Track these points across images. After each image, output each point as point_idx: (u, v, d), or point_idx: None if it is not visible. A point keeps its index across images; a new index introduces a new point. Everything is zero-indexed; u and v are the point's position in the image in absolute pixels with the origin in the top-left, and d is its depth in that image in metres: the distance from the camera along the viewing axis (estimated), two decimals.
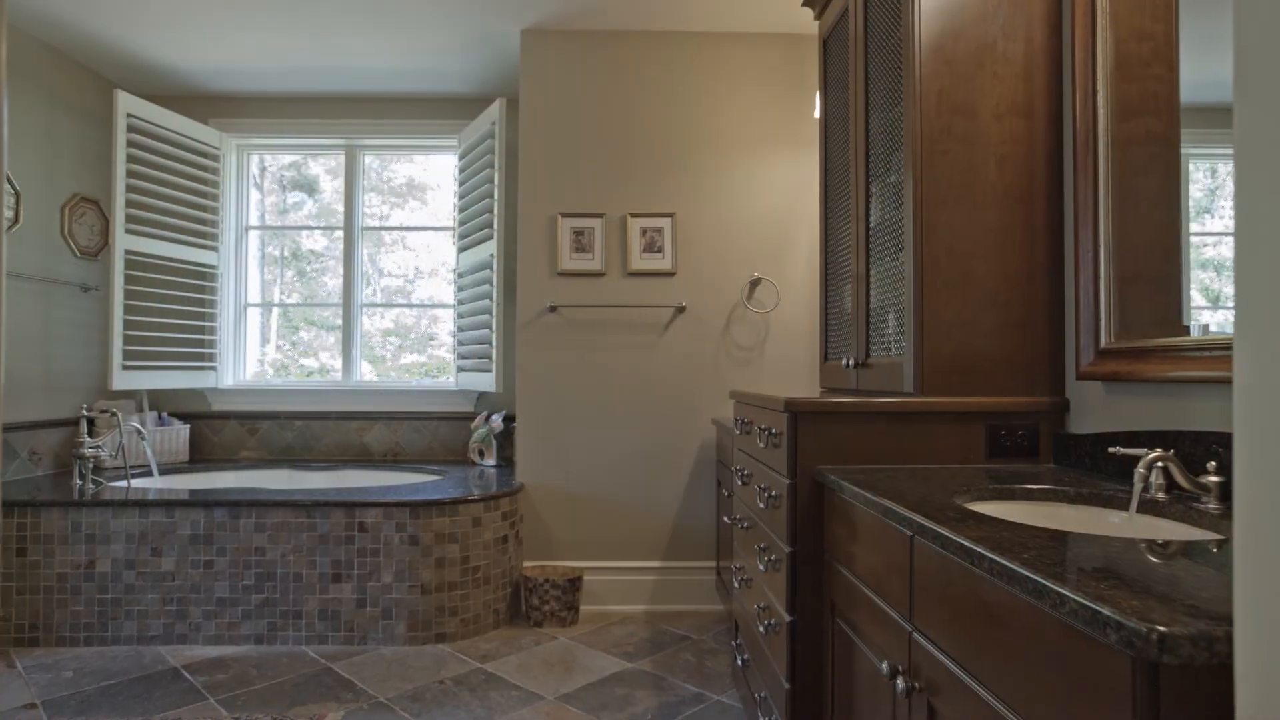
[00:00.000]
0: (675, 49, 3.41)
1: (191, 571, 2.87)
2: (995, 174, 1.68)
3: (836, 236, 2.36)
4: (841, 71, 2.29)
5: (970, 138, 1.68)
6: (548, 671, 2.65)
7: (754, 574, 2.04)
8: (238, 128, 4.15)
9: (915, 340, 1.69)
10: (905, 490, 1.32)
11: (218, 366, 4.08)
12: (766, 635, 1.83)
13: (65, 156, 3.63)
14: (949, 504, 1.20)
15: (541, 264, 3.39)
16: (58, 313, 3.58)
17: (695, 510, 3.37)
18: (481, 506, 3.02)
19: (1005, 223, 1.68)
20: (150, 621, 2.86)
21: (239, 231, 4.24)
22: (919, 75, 1.67)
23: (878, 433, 1.64)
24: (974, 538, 0.94)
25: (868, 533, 1.35)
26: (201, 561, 2.87)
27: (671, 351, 3.38)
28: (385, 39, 3.41)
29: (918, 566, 1.12)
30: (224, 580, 2.88)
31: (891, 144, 1.89)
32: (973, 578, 0.94)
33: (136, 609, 2.86)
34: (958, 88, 1.68)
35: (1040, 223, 1.69)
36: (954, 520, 1.06)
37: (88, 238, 3.77)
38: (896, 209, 1.85)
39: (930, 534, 1.04)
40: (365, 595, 2.88)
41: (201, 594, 2.87)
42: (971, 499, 1.34)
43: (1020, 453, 1.65)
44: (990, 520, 1.06)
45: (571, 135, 3.39)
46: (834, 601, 1.56)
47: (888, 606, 1.24)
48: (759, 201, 3.41)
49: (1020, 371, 1.70)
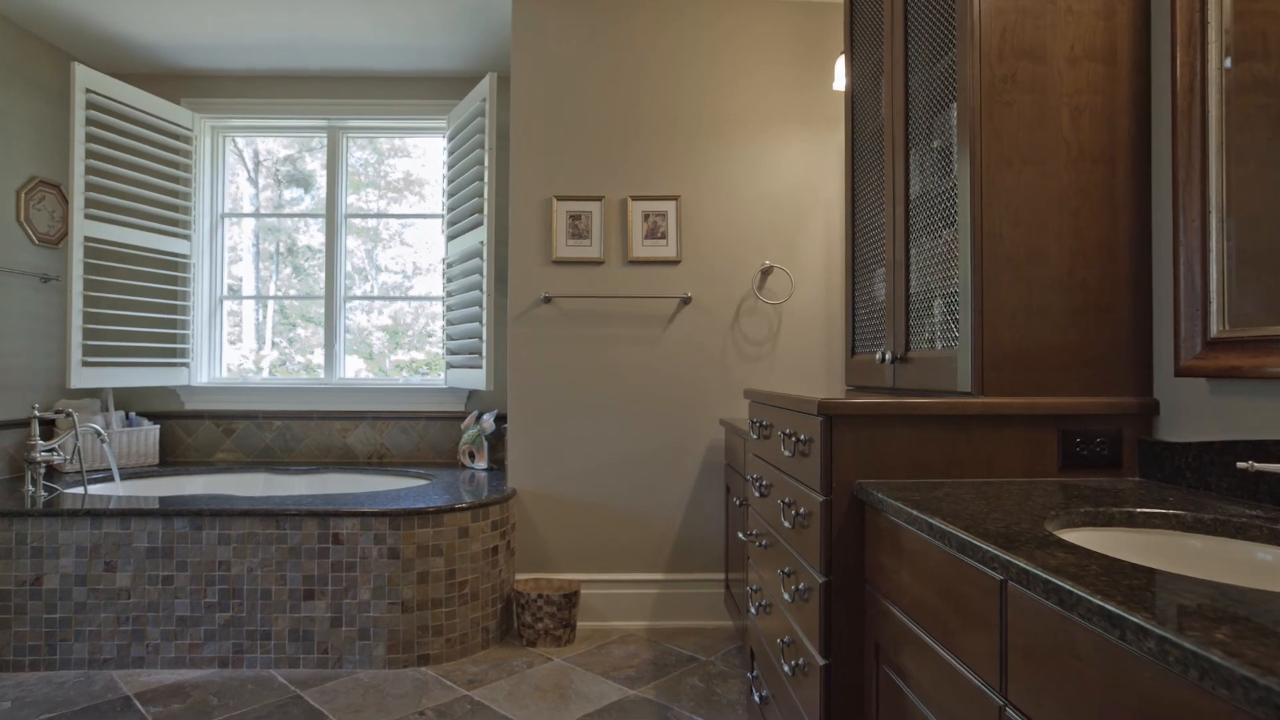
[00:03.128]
0: (680, 17, 3.13)
1: (149, 588, 2.60)
2: (1069, 130, 1.41)
3: (867, 216, 2.09)
4: (873, 26, 2.01)
5: (1039, 86, 1.40)
6: (540, 699, 2.39)
7: (775, 600, 1.77)
8: (211, 108, 3.87)
9: (973, 329, 1.41)
10: (976, 514, 1.05)
11: (190, 363, 3.81)
12: (793, 677, 1.56)
13: (23, 137, 3.36)
14: (1044, 535, 0.93)
15: (535, 251, 3.12)
16: (13, 305, 3.31)
17: (702, 518, 3.10)
18: (469, 515, 2.75)
19: (1081, 187, 1.41)
20: (103, 643, 2.59)
21: (214, 219, 3.96)
22: (979, 11, 1.40)
23: (928, 440, 1.37)
24: (1139, 611, 0.67)
25: (928, 566, 1.08)
26: (160, 577, 2.61)
27: (675, 346, 3.11)
28: (366, 7, 3.14)
29: (1014, 623, 0.85)
30: (185, 598, 2.61)
31: (937, 103, 1.61)
32: (1121, 657, 0.67)
33: (88, 629, 2.59)
34: (1024, 26, 1.40)
35: (1123, 187, 1.41)
36: (1073, 570, 0.79)
37: (47, 224, 3.50)
38: (944, 177, 1.57)
39: (1041, 585, 0.77)
40: (341, 614, 2.62)
41: (160, 613, 2.61)
42: (1061, 525, 1.07)
43: (1099, 464, 1.38)
44: (1128, 568, 0.79)
45: (568, 112, 3.12)
46: (878, 644, 1.29)
47: (963, 666, 0.98)
48: (771, 183, 3.13)
49: (1097, 366, 1.42)
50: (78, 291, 3.26)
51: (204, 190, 3.92)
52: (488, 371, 3.32)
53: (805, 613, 1.48)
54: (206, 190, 3.93)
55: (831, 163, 3.12)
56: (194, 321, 3.85)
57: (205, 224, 3.92)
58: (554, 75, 3.11)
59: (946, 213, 1.55)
